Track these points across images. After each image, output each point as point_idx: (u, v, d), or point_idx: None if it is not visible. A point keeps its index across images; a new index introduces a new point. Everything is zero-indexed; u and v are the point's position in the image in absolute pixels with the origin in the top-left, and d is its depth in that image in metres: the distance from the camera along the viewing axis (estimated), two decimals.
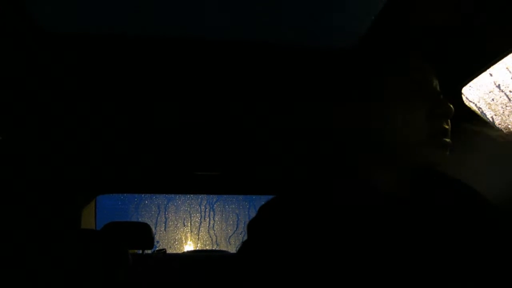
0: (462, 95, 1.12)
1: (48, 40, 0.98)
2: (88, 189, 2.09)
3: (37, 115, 1.33)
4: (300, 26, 0.99)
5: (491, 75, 1.08)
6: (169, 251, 2.54)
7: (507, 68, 1.01)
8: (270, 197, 0.70)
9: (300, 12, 0.93)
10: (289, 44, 1.05)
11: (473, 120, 1.09)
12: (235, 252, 3.46)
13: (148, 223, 2.28)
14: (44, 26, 0.94)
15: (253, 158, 1.90)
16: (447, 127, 0.63)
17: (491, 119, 1.09)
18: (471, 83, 1.08)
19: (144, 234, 2.21)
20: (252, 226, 0.68)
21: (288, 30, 1.01)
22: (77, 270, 0.88)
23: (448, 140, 0.63)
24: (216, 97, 1.30)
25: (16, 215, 0.93)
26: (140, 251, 2.29)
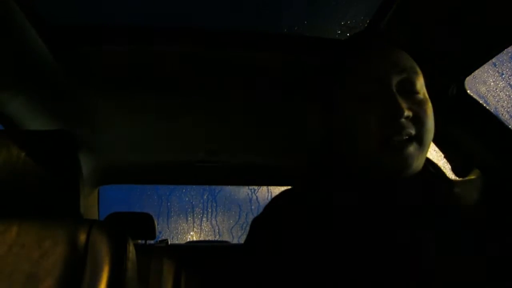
0: (466, 87, 1.11)
1: (49, 32, 0.98)
2: (91, 180, 2.10)
3: (39, 106, 1.33)
4: (304, 20, 0.99)
5: (495, 65, 1.07)
6: (171, 241, 2.56)
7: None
8: (271, 188, 0.71)
9: (301, 5, 0.93)
10: (292, 39, 1.04)
11: (476, 110, 1.09)
12: (237, 242, 3.48)
13: (151, 213, 2.29)
14: (45, 18, 0.94)
15: (255, 149, 1.90)
16: (400, 129, 0.59)
17: (494, 110, 1.08)
18: (474, 74, 1.07)
19: (147, 224, 2.22)
20: (256, 224, 0.68)
21: (291, 24, 1.00)
22: (81, 261, 0.89)
23: (400, 142, 0.59)
24: (218, 88, 1.30)
25: (18, 207, 0.93)
26: (143, 241, 2.31)
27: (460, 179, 1.14)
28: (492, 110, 1.06)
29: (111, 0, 0.92)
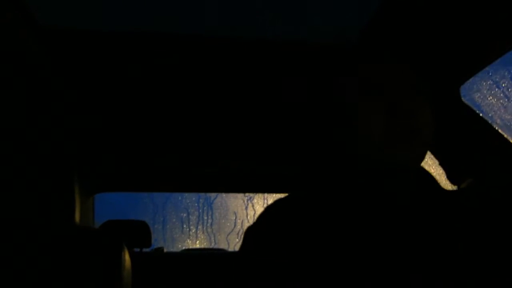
0: (460, 94, 1.12)
1: (48, 35, 0.98)
2: (86, 188, 2.09)
3: (35, 112, 1.33)
4: (300, 23, 0.99)
5: (488, 72, 1.08)
6: (166, 249, 2.55)
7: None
8: (268, 195, 0.71)
9: (298, 9, 0.93)
10: (290, 41, 1.05)
11: (471, 118, 1.09)
12: (233, 250, 3.46)
13: (146, 221, 2.28)
14: (40, 21, 0.94)
15: (251, 156, 1.90)
16: (409, 122, 0.61)
17: (489, 117, 1.09)
18: (469, 82, 1.08)
19: (142, 232, 2.21)
20: (250, 232, 0.68)
21: (288, 27, 1.01)
22: (75, 269, 0.88)
23: (408, 134, 0.61)
24: (215, 94, 1.30)
25: (14, 213, 0.92)
26: (138, 250, 2.29)
27: (455, 187, 1.14)
28: (486, 118, 1.07)
29: (110, 4, 0.92)
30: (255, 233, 0.67)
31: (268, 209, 0.69)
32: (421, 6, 0.87)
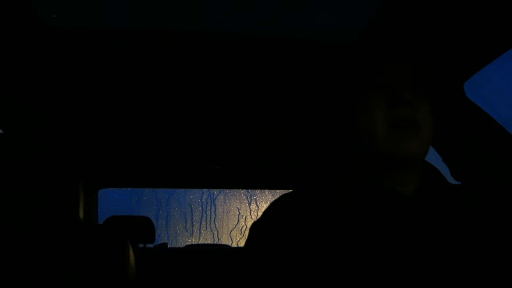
0: (464, 90, 1.11)
1: (51, 35, 0.98)
2: (90, 183, 2.10)
3: (39, 108, 1.33)
4: (300, 22, 0.99)
5: (492, 68, 1.07)
6: (170, 245, 2.56)
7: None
8: (270, 191, 0.71)
9: (300, 6, 0.93)
10: (290, 41, 1.05)
11: (475, 114, 1.09)
12: (236, 246, 3.48)
13: (150, 217, 2.29)
14: (46, 20, 0.94)
15: (254, 153, 1.90)
16: (406, 114, 0.62)
17: (493, 112, 1.09)
18: (473, 77, 1.08)
19: (146, 228, 2.22)
20: (255, 227, 0.68)
21: (288, 26, 1.00)
22: (79, 264, 0.89)
23: (410, 127, 0.62)
24: (217, 91, 1.30)
25: (17, 209, 0.93)
26: (142, 245, 2.30)
27: (459, 183, 1.14)
28: (490, 113, 1.07)
29: (109, 3, 0.92)
30: (260, 228, 0.68)
31: (273, 205, 0.69)
32: (422, 2, 0.86)
